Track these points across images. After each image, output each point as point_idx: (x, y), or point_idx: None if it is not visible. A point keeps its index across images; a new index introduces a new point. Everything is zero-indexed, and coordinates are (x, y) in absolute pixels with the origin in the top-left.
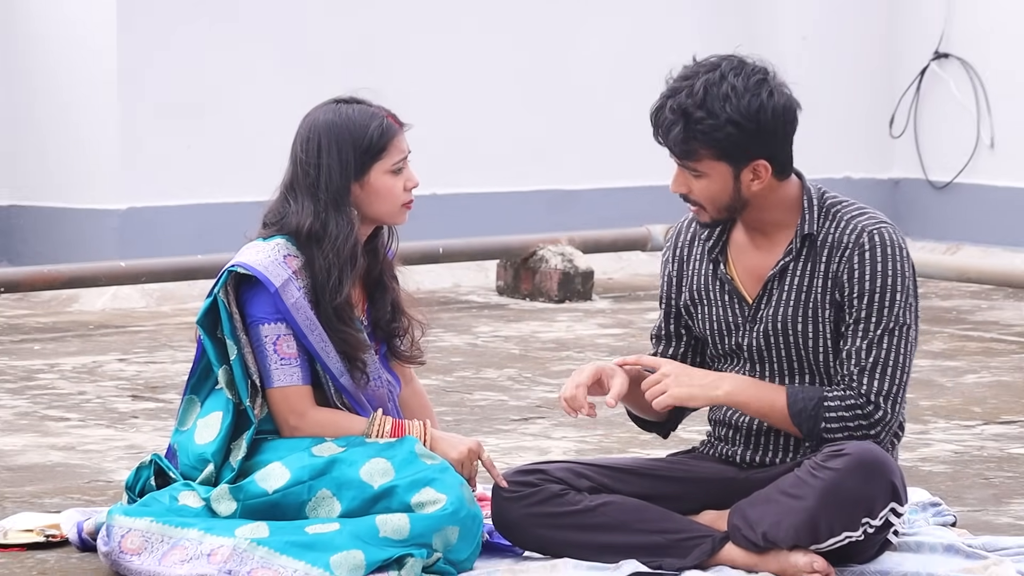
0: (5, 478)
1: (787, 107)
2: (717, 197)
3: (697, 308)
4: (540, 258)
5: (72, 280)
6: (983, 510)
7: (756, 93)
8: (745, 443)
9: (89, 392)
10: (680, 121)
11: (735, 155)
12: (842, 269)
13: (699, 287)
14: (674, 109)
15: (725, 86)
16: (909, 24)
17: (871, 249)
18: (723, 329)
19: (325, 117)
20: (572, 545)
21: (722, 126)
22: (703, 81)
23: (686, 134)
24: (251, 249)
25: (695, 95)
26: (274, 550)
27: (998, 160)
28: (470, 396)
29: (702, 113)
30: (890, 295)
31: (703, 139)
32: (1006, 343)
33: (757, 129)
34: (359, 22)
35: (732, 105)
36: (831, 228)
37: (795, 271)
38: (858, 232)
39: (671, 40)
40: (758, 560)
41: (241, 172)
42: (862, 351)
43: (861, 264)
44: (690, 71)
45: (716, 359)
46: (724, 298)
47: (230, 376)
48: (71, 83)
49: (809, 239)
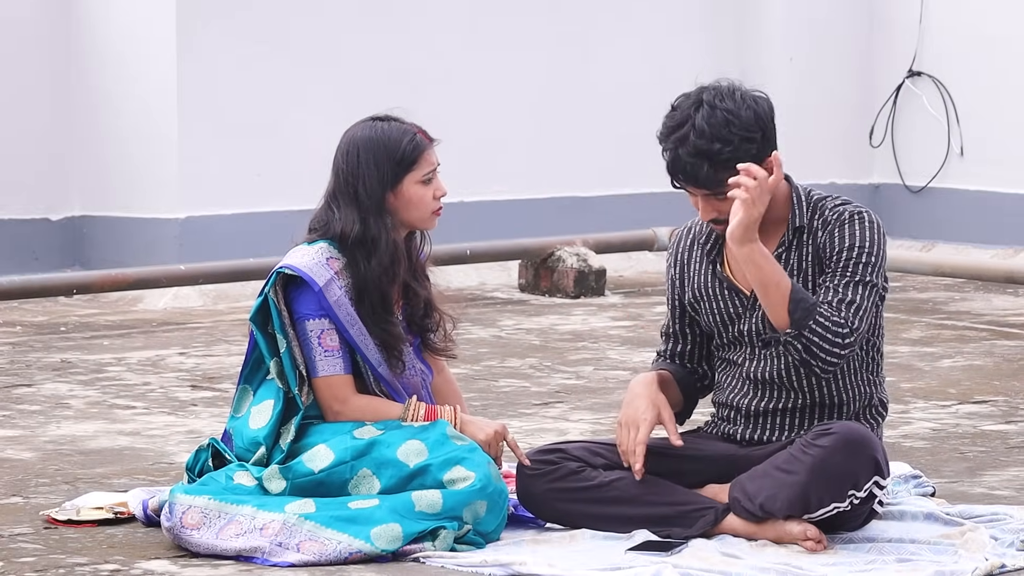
0: (78, 461)
1: (769, 103)
2: None
3: (700, 305)
4: (557, 258)
5: (137, 282)
6: (959, 481)
7: (747, 105)
8: (745, 423)
9: (153, 383)
10: (703, 161)
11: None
12: (825, 239)
13: (700, 286)
14: (691, 153)
15: (719, 113)
16: (885, 46)
17: (850, 222)
18: (725, 320)
19: (363, 133)
20: (589, 517)
21: (739, 146)
22: (700, 117)
23: (714, 168)
24: (297, 252)
25: (703, 133)
26: (320, 524)
27: (967, 167)
28: (496, 383)
29: (719, 144)
30: (865, 255)
31: (730, 165)
32: (977, 331)
33: (763, 134)
34: (395, 48)
35: (737, 126)
36: (817, 218)
37: (788, 259)
38: (840, 212)
39: (674, 63)
40: (757, 529)
41: (288, 183)
42: (840, 288)
43: (841, 231)
44: (679, 117)
45: (722, 347)
46: (724, 294)
47: (280, 367)
48: (135, 104)
49: (799, 231)
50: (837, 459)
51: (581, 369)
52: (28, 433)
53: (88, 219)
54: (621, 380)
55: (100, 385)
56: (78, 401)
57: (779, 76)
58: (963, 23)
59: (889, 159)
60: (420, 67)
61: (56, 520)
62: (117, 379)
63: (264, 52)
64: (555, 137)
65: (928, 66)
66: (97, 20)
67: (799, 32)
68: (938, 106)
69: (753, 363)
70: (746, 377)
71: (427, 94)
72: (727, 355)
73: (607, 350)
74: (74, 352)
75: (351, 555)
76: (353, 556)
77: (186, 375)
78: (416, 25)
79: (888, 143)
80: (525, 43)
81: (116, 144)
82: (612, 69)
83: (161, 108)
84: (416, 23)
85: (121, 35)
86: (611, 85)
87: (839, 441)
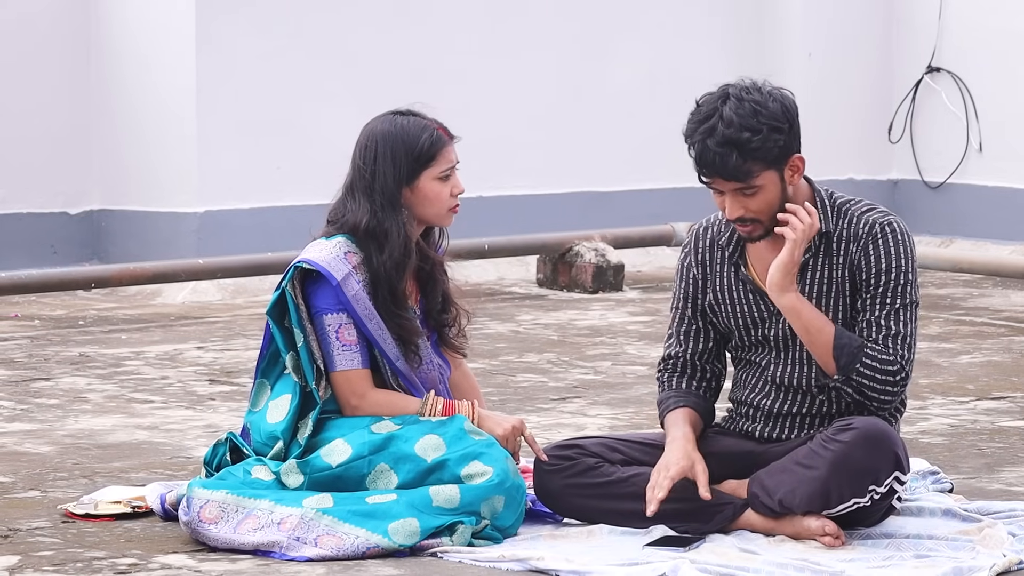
0: (96, 455)
1: (793, 100)
2: (772, 204)
3: (720, 307)
4: (576, 253)
5: (155, 276)
6: (977, 477)
7: (774, 98)
8: (765, 421)
9: (171, 377)
10: (732, 150)
11: (781, 159)
12: (859, 256)
13: (722, 288)
14: (720, 143)
15: (747, 104)
16: (904, 42)
17: (883, 237)
18: (749, 324)
19: (382, 127)
20: (607, 512)
21: (768, 136)
22: (729, 109)
23: (744, 158)
24: (315, 247)
25: (731, 123)
26: (338, 518)
27: (986, 162)
28: (514, 378)
29: (748, 134)
30: (904, 275)
31: (759, 155)
32: (995, 327)
33: (791, 126)
34: (414, 43)
35: (765, 116)
36: (844, 224)
37: (815, 267)
38: (870, 225)
39: (692, 59)
40: (775, 524)
41: (305, 178)
42: (882, 320)
43: (876, 249)
44: (706, 110)
45: (743, 348)
46: (748, 296)
47: (296, 361)
48: (153, 99)
49: (826, 236)
50: (858, 454)
51: (599, 364)
52: (46, 427)
53: (107, 213)
54: (639, 375)
55: (118, 379)
56: (96, 395)
57: (797, 72)
58: (982, 19)
59: (908, 155)
60: (439, 63)
61: (74, 514)
62: (135, 373)
63: (283, 46)
64: (573, 132)
65: (947, 62)
66: (116, 15)
67: (817, 28)
68: (957, 102)
69: (779, 368)
70: (770, 380)
71: (446, 89)
72: (749, 356)
73: (625, 345)
74: (92, 346)
75: (369, 550)
76: (371, 551)
77: (204, 369)
78: (435, 22)
79: (907, 139)
80: (544, 39)
81: (135, 138)
82: (630, 65)
83: (180, 102)
84: (435, 20)
85: (140, 29)
86: (629, 81)
87: (860, 436)
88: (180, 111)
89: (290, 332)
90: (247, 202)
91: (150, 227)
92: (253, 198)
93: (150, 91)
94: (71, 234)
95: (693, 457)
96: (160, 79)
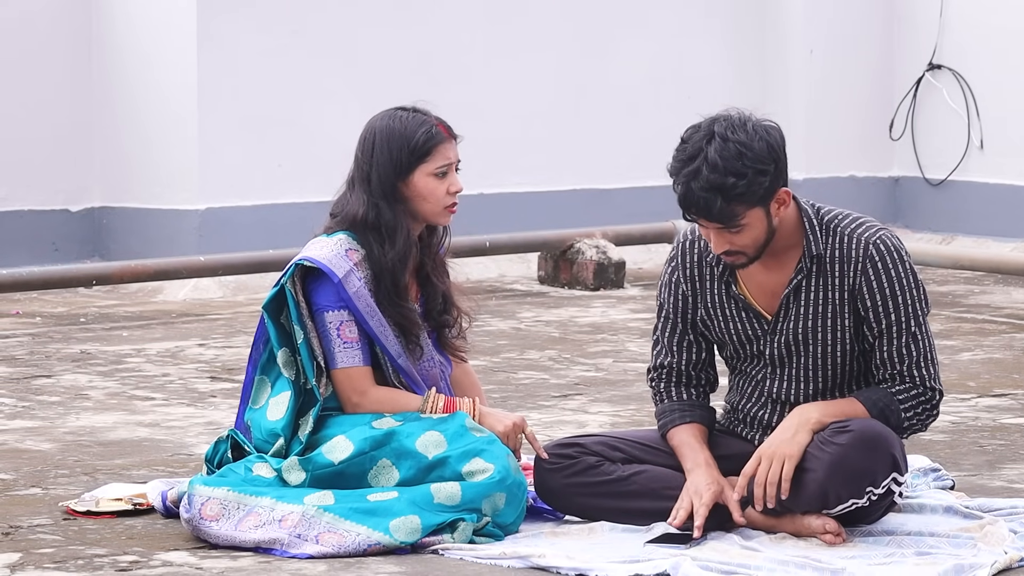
0: (97, 452)
1: (780, 133)
2: (758, 239)
3: (713, 322)
4: (577, 250)
5: (157, 273)
6: (978, 475)
7: (759, 136)
8: (763, 431)
9: (172, 374)
10: (717, 195)
11: (766, 197)
12: (858, 281)
13: (713, 304)
14: (704, 188)
15: (732, 146)
16: (905, 38)
17: (880, 260)
18: (743, 339)
19: (383, 121)
20: (607, 510)
21: (753, 180)
22: (713, 151)
23: (728, 203)
24: (316, 244)
25: (716, 167)
26: (339, 516)
27: (987, 159)
28: (515, 375)
29: (732, 179)
30: (910, 295)
31: (743, 199)
32: (997, 324)
33: (776, 164)
34: (416, 40)
35: (750, 158)
36: (836, 244)
37: (808, 287)
38: (863, 246)
39: (694, 57)
40: (775, 522)
41: (308, 175)
42: (903, 349)
43: (876, 275)
44: (691, 150)
45: (737, 359)
46: (740, 314)
47: (288, 357)
48: (155, 96)
49: (818, 259)
50: (855, 456)
51: (600, 361)
52: (48, 424)
53: (108, 210)
54: (640, 372)
55: (119, 376)
56: (97, 392)
57: (799, 70)
58: (983, 16)
59: (909, 152)
60: (441, 60)
61: (75, 511)
62: (136, 370)
63: (284, 43)
64: (574, 130)
65: (948, 59)
66: (117, 12)
67: (819, 25)
68: (958, 99)
69: (775, 383)
70: (766, 394)
71: (448, 86)
72: (744, 367)
73: (626, 342)
74: (94, 343)
75: (370, 547)
76: (372, 548)
77: (205, 366)
78: (438, 19)
79: (908, 136)
80: (545, 38)
81: (136, 135)
82: (632, 63)
83: (181, 99)
84: (438, 17)
85: (141, 26)
86: (631, 79)
87: (857, 439)
88: (181, 108)
89: (283, 327)
90: (248, 199)
91: (151, 224)
92: (254, 195)
93: (152, 88)
94: (72, 231)
95: (722, 483)
96: (161, 76)
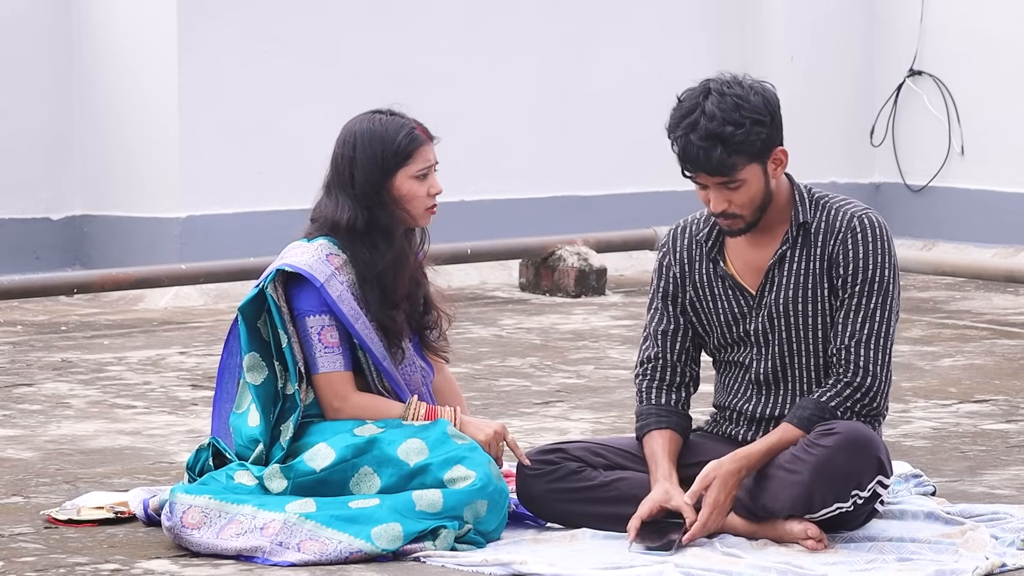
0: (78, 460)
1: (775, 93)
2: (755, 198)
3: (700, 303)
4: (558, 257)
5: (138, 281)
6: (959, 480)
7: (755, 91)
8: (748, 425)
9: (153, 382)
10: (716, 144)
11: (764, 152)
12: (837, 251)
13: (701, 284)
14: (703, 137)
15: (729, 99)
16: (886, 44)
17: (862, 232)
18: (730, 320)
19: (362, 125)
20: (589, 516)
21: (751, 129)
22: (711, 103)
23: (727, 151)
24: (296, 250)
25: (714, 117)
26: (321, 523)
27: (968, 166)
28: (496, 382)
29: (731, 128)
30: (880, 271)
31: (742, 148)
32: (978, 330)
33: (773, 119)
34: (396, 46)
35: (747, 110)
36: (822, 216)
37: (793, 258)
38: (848, 218)
39: (675, 62)
40: (757, 528)
41: (288, 183)
42: (857, 323)
43: (855, 245)
44: (688, 105)
45: (724, 348)
46: (727, 292)
47: (255, 361)
48: (136, 103)
49: (804, 228)
50: (841, 459)
51: (582, 368)
52: (28, 432)
53: (89, 218)
54: (621, 379)
55: (101, 384)
56: (79, 400)
57: (780, 75)
58: (964, 22)
59: (890, 158)
60: (421, 66)
61: (57, 520)
62: (118, 378)
63: (266, 51)
64: (556, 136)
65: (929, 65)
66: (98, 19)
67: (800, 31)
68: (939, 105)
69: (760, 364)
70: (752, 381)
71: (428, 92)
72: (731, 356)
73: (608, 349)
74: (75, 351)
75: (352, 554)
76: (354, 555)
77: (187, 374)
78: (417, 24)
79: (889, 142)
80: (526, 43)
81: (117, 143)
82: (613, 69)
83: (162, 107)
84: (417, 22)
85: (122, 33)
86: (612, 85)
87: (843, 441)
88: (162, 116)
89: (256, 332)
90: (230, 207)
91: (133, 232)
92: (236, 203)
93: (133, 96)
94: (53, 239)
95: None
96: (143, 84)
